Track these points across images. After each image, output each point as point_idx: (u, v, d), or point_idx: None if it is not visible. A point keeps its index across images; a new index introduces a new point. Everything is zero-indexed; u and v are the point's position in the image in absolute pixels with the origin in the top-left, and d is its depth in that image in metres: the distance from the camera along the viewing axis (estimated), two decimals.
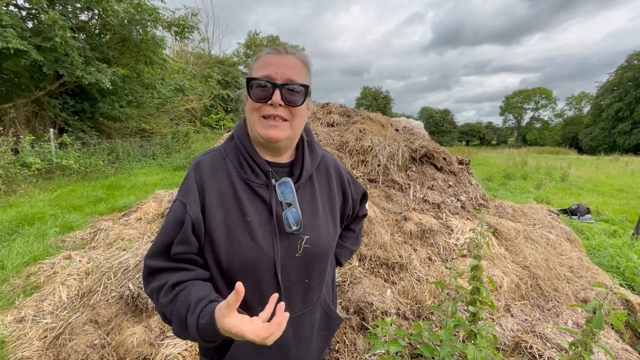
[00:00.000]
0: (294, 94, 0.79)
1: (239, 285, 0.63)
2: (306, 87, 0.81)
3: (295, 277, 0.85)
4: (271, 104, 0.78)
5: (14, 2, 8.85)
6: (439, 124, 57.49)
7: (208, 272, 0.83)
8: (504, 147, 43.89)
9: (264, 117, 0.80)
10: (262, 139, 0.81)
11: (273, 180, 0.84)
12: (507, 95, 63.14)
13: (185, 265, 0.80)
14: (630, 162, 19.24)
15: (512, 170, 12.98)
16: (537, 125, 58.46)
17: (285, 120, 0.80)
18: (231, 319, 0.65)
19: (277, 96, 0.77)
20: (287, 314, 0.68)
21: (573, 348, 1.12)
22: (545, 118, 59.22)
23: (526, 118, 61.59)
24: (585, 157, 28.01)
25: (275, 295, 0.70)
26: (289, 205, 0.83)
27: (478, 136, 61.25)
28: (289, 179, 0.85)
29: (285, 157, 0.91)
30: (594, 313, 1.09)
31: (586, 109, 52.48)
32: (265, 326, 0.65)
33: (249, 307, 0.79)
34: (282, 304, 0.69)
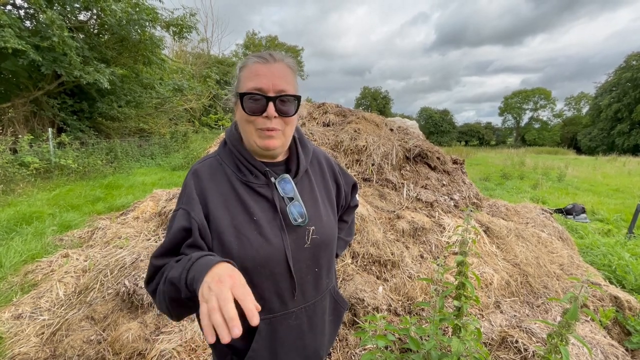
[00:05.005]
0: (287, 104, 0.81)
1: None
2: (298, 98, 0.83)
3: (305, 267, 0.89)
4: (266, 117, 0.79)
5: (12, 1, 8.87)
6: (438, 124, 57.47)
7: None
8: (503, 147, 43.87)
9: (259, 129, 0.82)
10: (260, 149, 0.84)
11: (272, 179, 0.87)
12: (506, 96, 63.12)
13: None
14: (628, 162, 19.27)
15: (510, 170, 13.03)
16: (536, 126, 58.46)
17: (278, 129, 0.83)
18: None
19: (271, 109, 0.78)
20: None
21: (550, 340, 1.16)
22: (544, 118, 59.27)
23: (525, 118, 61.66)
24: (584, 157, 27.99)
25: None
26: (291, 199, 0.87)
27: (477, 136, 61.23)
28: (287, 175, 0.89)
29: (280, 157, 0.94)
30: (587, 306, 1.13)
31: (585, 110, 52.56)
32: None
33: (266, 301, 0.83)
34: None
